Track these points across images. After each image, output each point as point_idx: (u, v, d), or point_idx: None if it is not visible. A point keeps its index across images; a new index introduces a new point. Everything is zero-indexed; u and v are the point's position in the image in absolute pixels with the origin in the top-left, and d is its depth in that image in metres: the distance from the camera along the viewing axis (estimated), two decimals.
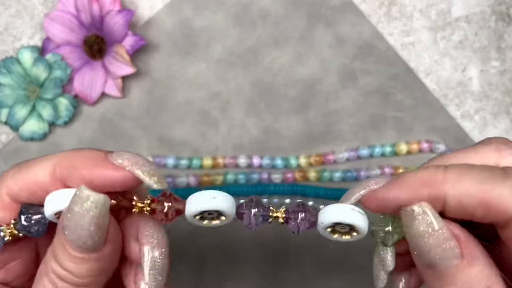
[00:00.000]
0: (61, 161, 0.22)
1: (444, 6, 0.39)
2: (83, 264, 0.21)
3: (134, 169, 0.22)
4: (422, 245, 0.21)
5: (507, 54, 0.39)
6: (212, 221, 0.23)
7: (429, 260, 0.21)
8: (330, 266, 0.38)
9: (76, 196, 0.20)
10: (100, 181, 0.21)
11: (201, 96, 0.39)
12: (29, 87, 0.38)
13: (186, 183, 0.38)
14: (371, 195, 0.23)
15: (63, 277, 0.21)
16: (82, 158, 0.22)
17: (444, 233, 0.20)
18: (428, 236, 0.21)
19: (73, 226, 0.20)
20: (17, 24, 0.39)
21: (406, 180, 0.22)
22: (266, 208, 0.24)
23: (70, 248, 0.21)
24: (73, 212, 0.20)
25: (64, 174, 0.22)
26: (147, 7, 0.40)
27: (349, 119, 0.39)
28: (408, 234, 0.21)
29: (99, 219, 0.21)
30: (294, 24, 0.39)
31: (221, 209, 0.23)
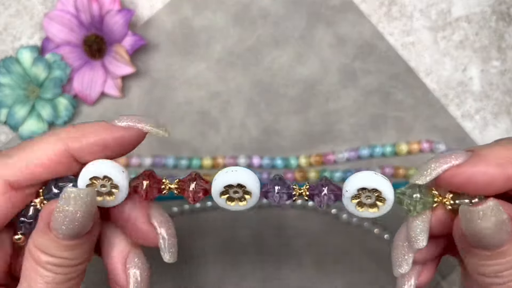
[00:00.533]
0: (71, 135, 0.23)
1: (445, 6, 0.39)
2: (76, 249, 0.23)
3: (143, 126, 0.24)
4: (485, 235, 0.21)
5: (507, 54, 0.39)
6: (240, 202, 0.24)
7: (486, 245, 0.22)
8: (330, 266, 0.38)
9: (65, 195, 0.22)
10: (114, 143, 0.23)
11: (201, 96, 0.39)
12: (29, 87, 0.38)
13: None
14: (456, 171, 0.22)
15: (60, 264, 0.23)
16: (91, 128, 0.23)
17: (506, 222, 0.21)
18: (493, 228, 0.21)
19: (67, 222, 0.22)
20: (16, 24, 0.39)
21: (487, 155, 0.22)
22: (290, 186, 0.24)
23: (63, 241, 0.22)
24: (67, 211, 0.22)
25: (75, 147, 0.23)
26: (146, 7, 0.40)
27: (349, 119, 0.39)
28: (474, 229, 0.21)
29: (90, 210, 0.22)
30: (294, 24, 0.39)
31: (243, 182, 0.23)
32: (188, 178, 0.24)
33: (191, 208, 0.38)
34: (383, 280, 0.37)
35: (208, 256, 0.38)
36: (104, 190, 0.23)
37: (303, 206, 0.38)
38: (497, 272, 0.22)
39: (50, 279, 0.23)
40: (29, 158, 0.23)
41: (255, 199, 0.24)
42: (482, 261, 0.22)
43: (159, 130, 0.24)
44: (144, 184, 0.23)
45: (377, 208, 0.23)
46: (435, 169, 0.23)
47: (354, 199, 0.23)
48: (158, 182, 0.24)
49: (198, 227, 0.38)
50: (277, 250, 0.38)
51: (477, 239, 0.22)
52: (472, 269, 0.23)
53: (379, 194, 0.23)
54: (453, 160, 0.23)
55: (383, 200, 0.23)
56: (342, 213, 0.37)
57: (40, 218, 0.23)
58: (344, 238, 0.38)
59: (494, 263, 0.22)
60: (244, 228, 0.38)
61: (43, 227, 0.22)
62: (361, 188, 0.23)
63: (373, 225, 0.38)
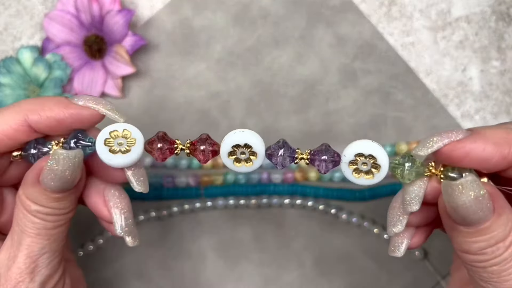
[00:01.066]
0: (32, 107, 0.25)
1: (444, 6, 0.39)
2: (64, 200, 0.26)
3: (99, 108, 0.26)
4: (465, 210, 0.23)
5: (507, 54, 0.39)
6: (246, 164, 0.25)
7: (469, 221, 0.23)
8: (330, 266, 0.38)
9: (56, 156, 0.24)
10: (70, 119, 0.25)
11: (201, 96, 0.39)
12: (29, 87, 0.38)
13: (185, 183, 0.38)
14: (455, 146, 0.24)
15: (50, 212, 0.25)
16: (51, 103, 0.25)
17: (485, 197, 0.23)
18: (472, 202, 0.23)
19: (56, 179, 0.24)
20: (17, 24, 0.39)
21: (486, 134, 0.24)
22: (293, 150, 0.25)
23: (52, 193, 0.25)
24: (56, 169, 0.24)
25: (34, 119, 0.25)
26: (147, 7, 0.40)
27: (349, 119, 0.39)
28: (455, 203, 0.23)
29: (77, 169, 0.25)
30: (294, 24, 0.39)
31: (250, 142, 0.25)
32: (199, 139, 0.26)
33: (191, 208, 0.38)
34: (383, 280, 0.37)
35: (208, 255, 0.38)
36: (122, 148, 0.25)
37: (303, 206, 0.38)
38: (480, 249, 0.23)
39: (40, 226, 0.25)
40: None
41: (260, 160, 0.25)
42: (465, 238, 0.24)
43: (114, 114, 0.26)
44: (158, 145, 0.25)
45: (372, 175, 0.25)
46: (437, 142, 0.24)
47: (351, 165, 0.25)
48: (171, 143, 0.26)
49: (198, 226, 0.38)
50: (277, 250, 0.38)
51: (458, 215, 0.23)
52: (457, 247, 0.25)
53: (374, 161, 0.24)
54: (454, 135, 0.24)
55: (378, 167, 0.24)
56: (342, 213, 0.37)
57: (30, 171, 0.25)
58: (344, 238, 0.38)
59: (477, 240, 0.23)
60: (244, 228, 0.38)
61: (33, 180, 0.25)
62: (358, 154, 0.24)
63: (373, 224, 0.38)
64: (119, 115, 0.26)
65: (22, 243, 0.25)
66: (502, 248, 0.23)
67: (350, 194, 0.38)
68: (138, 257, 0.38)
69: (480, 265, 0.24)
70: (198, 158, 0.26)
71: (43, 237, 0.26)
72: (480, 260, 0.24)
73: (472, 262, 0.24)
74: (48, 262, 0.26)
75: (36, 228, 0.25)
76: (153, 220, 0.38)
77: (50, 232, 0.26)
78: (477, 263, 0.24)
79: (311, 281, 0.38)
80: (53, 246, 0.26)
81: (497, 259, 0.23)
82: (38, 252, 0.26)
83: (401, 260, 0.38)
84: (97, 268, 0.38)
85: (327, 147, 0.25)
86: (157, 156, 0.26)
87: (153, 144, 0.26)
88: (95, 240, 0.37)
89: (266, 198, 0.38)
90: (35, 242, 0.25)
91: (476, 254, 0.24)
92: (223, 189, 0.38)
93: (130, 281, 0.38)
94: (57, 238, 0.26)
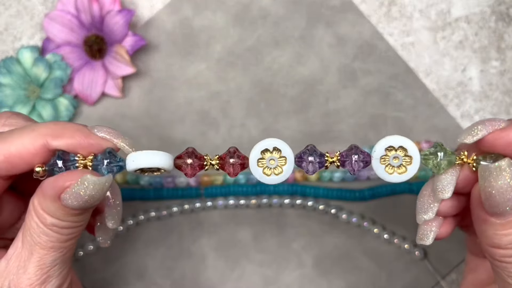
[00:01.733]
0: (52, 132, 0.25)
1: (444, 6, 0.39)
2: (82, 215, 0.25)
3: (119, 142, 0.26)
4: (501, 195, 0.22)
5: (507, 54, 0.39)
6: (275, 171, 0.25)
7: (502, 209, 0.23)
8: (330, 266, 0.38)
9: (86, 183, 0.24)
10: (87, 147, 0.25)
11: (201, 96, 0.39)
12: (29, 87, 0.38)
13: (186, 183, 0.38)
14: (499, 134, 0.24)
15: (66, 226, 0.25)
16: (72, 130, 0.25)
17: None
18: (508, 186, 0.22)
19: (80, 201, 0.24)
20: (17, 24, 0.39)
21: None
22: (322, 154, 0.25)
23: (72, 210, 0.25)
24: (81, 194, 0.24)
25: (53, 144, 0.25)
26: (147, 7, 0.40)
27: (349, 119, 0.39)
28: (491, 187, 0.23)
29: (103, 193, 0.25)
30: (294, 24, 0.39)
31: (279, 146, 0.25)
32: (227, 153, 0.26)
33: (191, 208, 0.38)
34: (383, 280, 0.38)
35: (208, 255, 0.38)
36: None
37: (303, 206, 0.38)
38: (511, 243, 0.23)
39: (54, 239, 0.25)
40: (9, 149, 0.25)
41: (291, 167, 0.25)
42: (496, 230, 0.23)
43: (130, 149, 0.26)
44: (188, 162, 0.25)
45: (405, 168, 0.24)
46: (481, 130, 0.24)
47: (382, 162, 0.25)
48: (200, 159, 0.26)
49: (198, 227, 0.38)
50: (277, 250, 0.38)
51: (493, 201, 0.23)
52: (486, 241, 0.24)
53: (405, 153, 0.24)
54: (498, 123, 0.24)
55: (410, 159, 0.24)
56: (342, 213, 0.38)
57: (51, 186, 0.24)
58: (344, 238, 0.38)
59: (509, 233, 0.23)
60: (244, 228, 0.38)
61: (54, 196, 0.24)
62: (388, 148, 0.24)
63: (373, 224, 0.38)
64: (134, 151, 0.26)
65: (34, 254, 0.25)
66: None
67: (350, 194, 0.38)
68: (138, 257, 0.38)
69: (510, 259, 0.24)
70: (228, 171, 0.26)
71: (57, 250, 0.25)
72: (510, 254, 0.24)
73: (502, 257, 0.24)
74: (59, 273, 0.26)
75: (50, 241, 0.25)
76: (153, 220, 0.38)
77: (64, 245, 0.25)
78: (507, 258, 0.24)
79: (311, 281, 0.38)
80: (65, 257, 0.26)
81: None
82: (51, 264, 0.25)
83: (401, 260, 0.38)
84: (97, 268, 0.38)
85: (356, 148, 0.25)
86: (187, 171, 0.26)
87: (182, 160, 0.25)
88: (95, 240, 0.37)
89: (266, 198, 0.38)
90: (47, 254, 0.25)
91: (507, 248, 0.23)
92: (223, 189, 0.38)
93: (130, 281, 0.38)
94: (69, 250, 0.26)
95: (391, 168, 0.25)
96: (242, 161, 0.25)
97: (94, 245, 0.37)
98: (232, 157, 0.25)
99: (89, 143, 0.25)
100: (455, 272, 0.38)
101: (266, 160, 0.25)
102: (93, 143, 0.25)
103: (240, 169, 0.25)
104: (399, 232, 0.38)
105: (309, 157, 0.25)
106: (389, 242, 0.38)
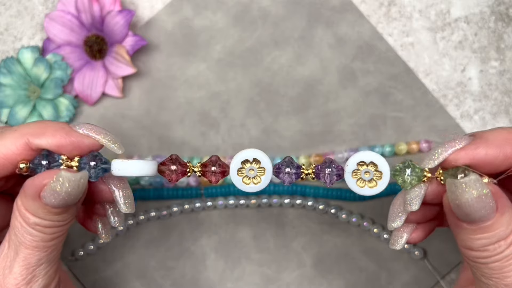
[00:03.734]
0: (33, 131, 0.25)
1: (444, 7, 0.40)
2: (64, 213, 0.25)
3: (100, 138, 0.26)
4: (468, 207, 0.24)
5: (506, 54, 0.39)
6: (254, 181, 0.26)
7: (472, 218, 0.24)
8: (329, 266, 0.38)
9: (60, 179, 0.24)
10: (69, 146, 0.25)
11: (201, 96, 0.39)
12: (30, 87, 0.38)
13: (186, 183, 0.38)
14: (459, 154, 0.25)
15: (49, 225, 0.25)
16: (52, 128, 0.25)
17: (488, 196, 0.23)
18: (475, 200, 0.24)
19: (58, 199, 0.24)
20: (17, 24, 0.39)
21: (488, 137, 0.25)
22: (299, 166, 0.27)
23: (53, 209, 0.25)
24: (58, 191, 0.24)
25: (35, 142, 0.25)
26: (147, 7, 0.40)
27: (349, 119, 0.39)
28: (458, 200, 0.24)
29: (81, 190, 0.25)
30: (294, 24, 0.40)
31: (258, 157, 0.26)
32: (209, 161, 0.27)
33: (191, 208, 0.38)
34: (383, 279, 0.38)
35: (208, 255, 0.38)
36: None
37: (303, 206, 0.38)
38: (482, 246, 0.24)
39: (38, 238, 0.25)
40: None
41: (269, 176, 0.26)
42: (468, 235, 0.25)
43: (114, 145, 0.26)
44: (172, 168, 0.26)
45: (376, 183, 0.26)
46: (441, 153, 0.25)
47: (354, 176, 0.26)
48: (183, 165, 0.26)
49: (198, 226, 0.38)
50: (277, 250, 0.38)
51: (462, 212, 0.24)
52: (460, 244, 0.26)
53: (376, 168, 0.26)
54: (457, 144, 0.25)
55: (380, 175, 0.26)
56: (342, 213, 0.38)
57: (31, 185, 0.25)
58: (344, 237, 0.38)
59: (479, 237, 0.24)
60: (244, 228, 0.38)
61: (34, 195, 0.25)
62: (360, 163, 0.26)
63: (373, 224, 0.38)
64: (118, 147, 0.27)
65: (19, 254, 0.25)
66: (504, 246, 0.24)
67: (350, 194, 0.38)
68: (138, 257, 0.38)
69: (482, 261, 0.25)
70: (209, 179, 0.27)
71: (41, 249, 0.25)
72: (482, 256, 0.25)
73: (475, 259, 0.25)
74: (45, 273, 0.26)
75: (34, 241, 0.25)
76: (153, 220, 0.38)
77: (48, 244, 0.26)
78: (479, 259, 0.25)
79: (311, 281, 0.38)
80: (50, 257, 0.26)
81: (498, 256, 0.24)
82: (36, 264, 0.25)
83: (400, 260, 0.38)
84: (97, 268, 0.38)
85: (330, 162, 0.26)
86: (170, 178, 0.26)
87: (166, 166, 0.26)
88: (95, 240, 0.38)
89: (266, 198, 0.38)
90: (32, 254, 0.25)
91: (478, 251, 0.25)
92: (223, 189, 0.38)
93: (131, 281, 0.38)
94: (54, 249, 0.26)
95: (362, 182, 0.26)
96: (223, 169, 0.27)
97: (94, 245, 0.37)
98: (214, 165, 0.27)
99: (70, 140, 0.25)
100: (455, 272, 0.38)
101: (246, 169, 0.26)
102: (75, 141, 0.25)
103: (221, 177, 0.27)
104: None
105: (286, 168, 0.26)
106: (388, 241, 0.38)
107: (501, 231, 0.24)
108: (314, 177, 0.26)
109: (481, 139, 0.25)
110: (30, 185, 0.25)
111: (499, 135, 0.25)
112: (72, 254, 0.38)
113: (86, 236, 0.38)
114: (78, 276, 0.38)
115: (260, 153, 0.26)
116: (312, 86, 0.39)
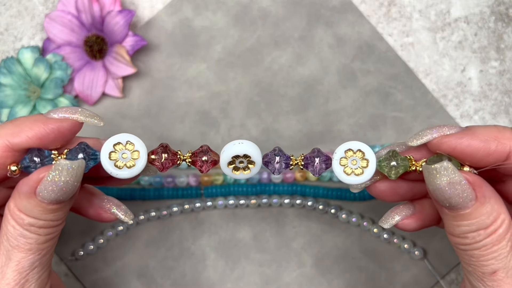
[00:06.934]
0: (10, 131, 0.25)
1: (444, 7, 0.40)
2: (59, 211, 0.25)
3: (77, 116, 0.26)
4: (440, 193, 0.24)
5: (506, 54, 0.39)
6: (244, 171, 0.27)
7: (448, 204, 0.24)
8: (329, 265, 0.38)
9: (59, 167, 0.24)
10: (52, 134, 0.25)
11: (201, 96, 0.39)
12: (30, 87, 0.38)
13: (186, 183, 0.38)
14: (442, 139, 0.26)
15: (43, 225, 0.25)
16: (28, 122, 0.25)
17: (462, 184, 0.24)
18: (446, 186, 0.24)
19: (57, 190, 0.24)
20: (17, 24, 0.39)
21: (477, 131, 0.25)
22: (288, 157, 0.27)
23: (49, 205, 0.25)
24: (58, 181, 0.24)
25: (15, 141, 0.25)
26: (147, 8, 0.40)
27: (349, 119, 0.39)
28: (432, 185, 0.25)
29: (79, 179, 0.25)
30: (294, 24, 0.40)
31: (248, 153, 0.26)
32: (200, 150, 0.27)
33: (191, 208, 0.38)
34: (383, 279, 0.38)
35: (208, 255, 0.38)
36: (127, 164, 0.26)
37: (302, 206, 0.38)
38: (462, 233, 0.25)
39: (32, 240, 0.25)
40: None
41: (258, 168, 0.27)
42: (450, 220, 0.25)
43: (92, 119, 0.26)
44: (162, 157, 0.26)
45: (362, 171, 0.27)
46: (427, 135, 0.26)
47: (342, 164, 0.27)
48: (174, 154, 0.27)
49: (198, 226, 0.38)
50: (277, 250, 0.38)
51: (437, 197, 0.25)
52: (446, 229, 0.26)
53: (363, 156, 0.27)
54: (445, 130, 0.26)
55: (367, 164, 0.26)
56: (341, 212, 0.38)
57: (25, 183, 0.24)
58: (344, 237, 0.38)
59: (459, 224, 0.25)
60: (244, 228, 0.38)
61: (29, 192, 0.24)
62: (347, 150, 0.27)
63: (372, 224, 0.38)
64: (99, 120, 0.27)
65: (11, 258, 0.25)
66: (483, 235, 0.25)
67: (350, 194, 0.38)
68: (138, 257, 0.38)
69: (462, 247, 0.25)
70: (199, 168, 0.27)
71: (35, 252, 0.25)
72: (462, 243, 0.25)
73: (456, 244, 0.26)
74: (38, 277, 0.26)
75: (27, 243, 0.25)
76: (153, 220, 0.38)
77: (42, 246, 0.25)
78: (460, 246, 0.25)
79: (311, 281, 0.38)
80: (43, 260, 0.26)
81: (477, 244, 0.25)
82: (29, 267, 0.25)
83: (400, 260, 0.38)
84: (97, 268, 0.38)
85: (318, 151, 0.27)
86: (159, 166, 0.27)
87: (156, 155, 0.26)
88: (95, 240, 0.38)
89: (266, 198, 0.38)
90: (25, 257, 0.25)
91: (459, 237, 0.25)
92: (223, 189, 0.38)
93: (131, 281, 0.38)
94: (47, 252, 0.26)
95: (349, 170, 0.27)
96: (214, 159, 0.27)
97: (94, 245, 0.37)
98: (205, 155, 0.27)
99: (50, 128, 0.25)
100: (455, 272, 0.38)
101: (236, 162, 0.27)
102: (54, 127, 0.25)
103: (211, 166, 0.27)
104: (399, 231, 0.38)
105: (276, 157, 0.27)
106: (388, 241, 0.38)
107: (481, 220, 0.24)
108: (303, 167, 0.27)
109: (469, 131, 0.26)
110: (24, 183, 0.25)
111: (489, 131, 0.25)
112: (72, 254, 0.38)
113: (86, 236, 0.38)
114: (78, 276, 0.38)
115: (249, 148, 0.26)
116: (312, 86, 0.39)
